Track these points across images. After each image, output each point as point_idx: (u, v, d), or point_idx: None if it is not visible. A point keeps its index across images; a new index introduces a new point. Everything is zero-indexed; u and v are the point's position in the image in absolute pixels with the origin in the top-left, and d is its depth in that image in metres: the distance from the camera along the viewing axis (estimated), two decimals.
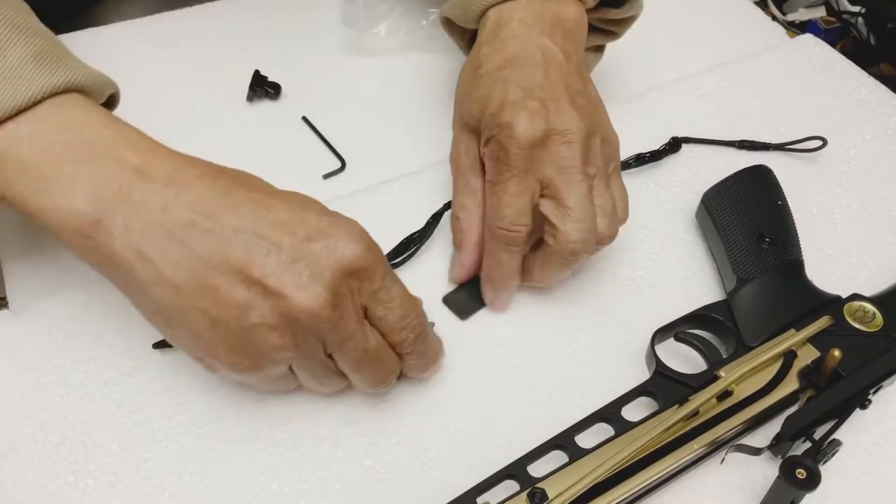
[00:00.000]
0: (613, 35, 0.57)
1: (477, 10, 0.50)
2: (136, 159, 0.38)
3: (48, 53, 0.39)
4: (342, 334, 0.39)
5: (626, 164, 0.57)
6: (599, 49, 0.58)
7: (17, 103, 0.37)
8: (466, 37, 0.55)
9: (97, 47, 0.66)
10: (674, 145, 0.59)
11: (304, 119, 0.62)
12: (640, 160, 0.58)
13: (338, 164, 0.59)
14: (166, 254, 0.37)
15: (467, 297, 0.50)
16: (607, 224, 0.46)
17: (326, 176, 0.59)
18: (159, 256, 0.37)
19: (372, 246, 0.39)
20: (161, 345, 0.46)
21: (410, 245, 0.52)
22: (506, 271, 0.48)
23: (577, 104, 0.46)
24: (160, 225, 0.37)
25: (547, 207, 0.45)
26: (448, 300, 0.50)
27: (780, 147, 0.60)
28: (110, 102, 0.45)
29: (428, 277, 0.51)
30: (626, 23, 0.56)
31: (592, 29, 0.53)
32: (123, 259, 0.37)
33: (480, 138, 0.48)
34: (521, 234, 0.46)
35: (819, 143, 0.59)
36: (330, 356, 0.40)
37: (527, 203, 0.45)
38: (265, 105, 0.63)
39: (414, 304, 0.42)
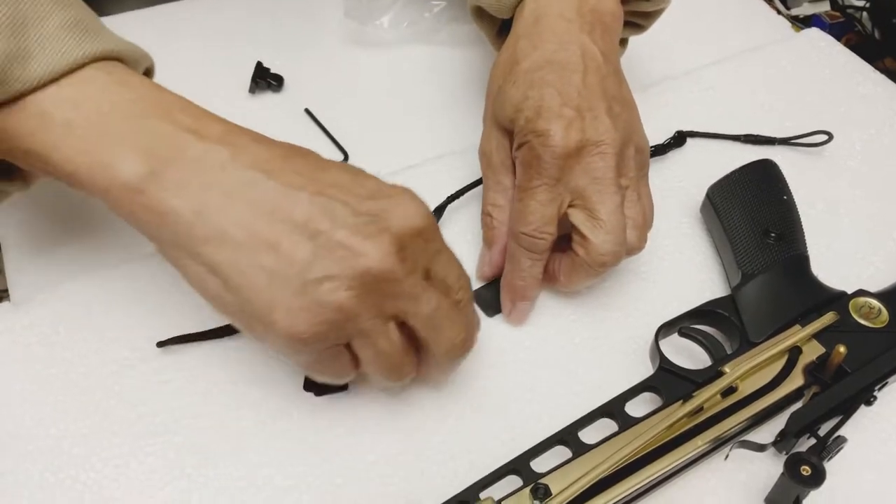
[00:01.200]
0: (640, 28, 0.56)
1: None
2: (187, 119, 0.38)
3: (86, 23, 0.39)
4: (412, 291, 0.38)
5: None
6: (623, 42, 0.58)
7: (60, 66, 0.37)
8: (496, 27, 0.54)
9: None
10: (678, 139, 0.59)
11: (307, 111, 0.62)
12: None
13: (340, 157, 0.59)
14: (225, 211, 0.36)
15: (496, 294, 0.50)
16: (637, 236, 0.46)
17: None
18: (218, 213, 0.36)
19: (428, 210, 0.39)
20: (165, 343, 0.46)
21: None
22: (527, 278, 0.47)
23: (613, 112, 0.45)
24: (218, 183, 0.36)
25: (577, 218, 0.45)
26: (477, 296, 0.49)
27: (785, 141, 0.60)
28: (146, 76, 0.44)
29: None
30: (654, 16, 0.55)
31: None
32: (178, 217, 0.36)
33: (513, 139, 0.47)
34: (546, 241, 0.46)
35: (824, 137, 0.59)
36: (399, 326, 0.39)
37: (554, 212, 0.45)
38: (268, 97, 0.63)
39: (461, 264, 0.42)
